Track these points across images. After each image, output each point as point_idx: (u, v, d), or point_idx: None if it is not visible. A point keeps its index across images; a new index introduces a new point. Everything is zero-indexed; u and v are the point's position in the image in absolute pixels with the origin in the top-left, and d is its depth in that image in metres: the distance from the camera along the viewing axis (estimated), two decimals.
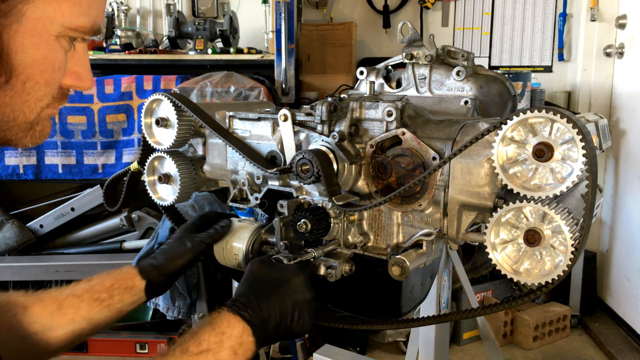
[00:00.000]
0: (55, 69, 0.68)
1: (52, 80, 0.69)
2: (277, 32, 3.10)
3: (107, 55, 3.29)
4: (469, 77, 1.26)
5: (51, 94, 0.70)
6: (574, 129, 0.79)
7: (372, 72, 1.38)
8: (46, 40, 0.66)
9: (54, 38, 0.66)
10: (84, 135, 3.05)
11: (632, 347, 3.02)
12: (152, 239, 2.88)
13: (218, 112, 1.22)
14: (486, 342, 1.96)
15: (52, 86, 0.69)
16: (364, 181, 1.05)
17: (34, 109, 0.69)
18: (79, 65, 0.73)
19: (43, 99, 0.69)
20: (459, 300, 3.04)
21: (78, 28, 0.68)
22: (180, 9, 3.71)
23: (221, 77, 2.98)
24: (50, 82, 0.68)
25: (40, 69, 0.66)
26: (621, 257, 3.31)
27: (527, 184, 0.86)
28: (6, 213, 3.31)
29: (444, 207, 0.97)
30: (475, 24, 3.82)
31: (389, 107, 1.00)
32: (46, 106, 0.70)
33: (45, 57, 0.66)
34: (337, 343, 2.18)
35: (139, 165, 1.30)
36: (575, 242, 0.81)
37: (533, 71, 3.67)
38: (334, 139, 1.02)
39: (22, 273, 3.12)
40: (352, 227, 1.07)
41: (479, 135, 0.87)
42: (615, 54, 3.41)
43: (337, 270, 1.03)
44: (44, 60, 0.66)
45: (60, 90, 0.72)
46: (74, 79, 0.73)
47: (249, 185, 1.18)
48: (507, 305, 0.93)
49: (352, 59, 3.46)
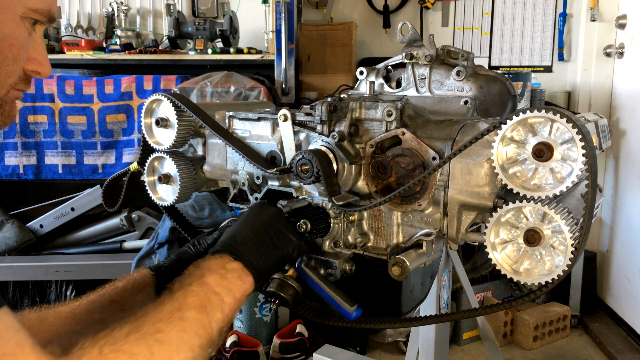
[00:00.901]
0: (22, 45, 0.74)
1: (19, 56, 0.75)
2: (277, 32, 3.09)
3: (107, 55, 3.29)
4: (469, 77, 1.26)
5: (19, 71, 0.76)
6: (574, 128, 0.79)
7: (372, 72, 1.38)
8: (13, 18, 0.73)
9: (18, 17, 0.73)
10: (84, 135, 3.04)
11: (632, 347, 3.02)
12: (152, 239, 2.88)
13: (218, 112, 1.22)
14: (486, 342, 1.96)
15: (19, 62, 0.75)
16: (363, 181, 1.05)
17: (3, 85, 0.75)
18: (37, 52, 0.79)
19: (11, 75, 0.75)
20: (459, 300, 3.04)
21: (38, 10, 0.75)
22: (180, 9, 3.71)
23: (221, 77, 2.97)
24: (18, 58, 0.74)
25: (8, 44, 0.72)
26: (621, 257, 3.31)
27: (527, 183, 0.86)
28: (6, 213, 3.31)
29: (444, 207, 0.97)
30: (475, 24, 3.82)
31: (389, 107, 1.00)
32: (14, 84, 0.76)
33: (12, 32, 0.73)
34: (337, 343, 2.18)
35: (139, 165, 1.30)
36: (575, 242, 0.81)
37: (533, 71, 3.67)
38: (333, 139, 1.02)
39: (22, 273, 3.11)
40: (352, 227, 1.07)
41: (479, 135, 0.87)
42: (615, 54, 3.41)
43: (337, 271, 1.03)
44: (11, 35, 0.73)
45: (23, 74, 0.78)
46: (34, 64, 0.79)
47: (248, 185, 1.18)
48: (507, 305, 0.94)
49: (352, 59, 3.46)
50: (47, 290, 3.23)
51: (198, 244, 1.13)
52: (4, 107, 0.77)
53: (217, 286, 0.84)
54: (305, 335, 2.74)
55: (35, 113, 3.03)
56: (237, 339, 2.69)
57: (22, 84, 0.78)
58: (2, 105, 0.77)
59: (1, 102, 0.76)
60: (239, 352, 2.61)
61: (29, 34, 0.76)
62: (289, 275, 1.00)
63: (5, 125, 0.79)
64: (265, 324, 2.85)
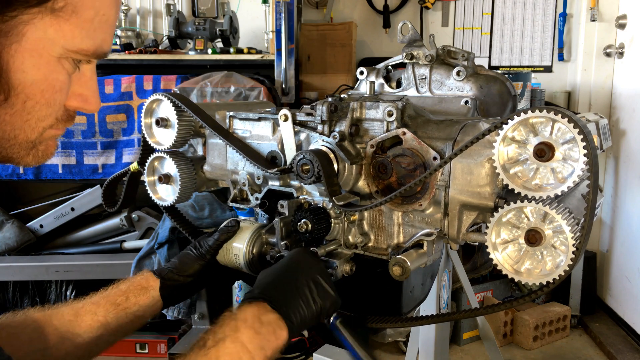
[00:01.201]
0: (56, 90, 0.68)
1: (53, 100, 0.68)
2: (277, 32, 3.09)
3: None
4: (469, 77, 1.26)
5: (54, 114, 0.70)
6: (575, 128, 0.79)
7: (372, 72, 1.38)
8: (47, 62, 0.66)
9: (55, 59, 0.66)
10: (84, 135, 3.04)
11: (632, 347, 3.02)
12: (152, 239, 2.88)
13: (218, 112, 1.22)
14: (486, 342, 1.96)
15: (53, 107, 0.69)
16: (364, 181, 1.05)
17: (35, 129, 0.69)
18: (84, 87, 0.73)
19: (45, 119, 0.69)
20: (459, 300, 3.03)
21: (80, 51, 0.67)
22: (180, 9, 3.71)
23: (221, 77, 2.97)
24: (52, 102, 0.68)
25: (40, 89, 0.66)
26: (621, 257, 3.30)
27: (528, 183, 0.86)
28: (6, 213, 3.31)
29: (445, 207, 0.97)
30: (475, 24, 3.82)
31: (390, 107, 1.00)
32: (49, 126, 0.70)
33: (45, 77, 0.66)
34: (337, 343, 2.18)
35: (139, 165, 1.30)
36: (576, 242, 0.81)
37: (533, 71, 3.67)
38: (334, 139, 1.02)
39: (22, 273, 3.11)
40: (353, 227, 1.07)
41: (480, 135, 0.87)
42: (615, 54, 3.41)
43: (337, 271, 1.03)
44: (44, 80, 0.66)
45: (65, 112, 0.72)
46: (79, 101, 0.73)
47: (249, 185, 1.18)
48: (507, 305, 0.93)
49: (352, 59, 3.46)
50: (47, 290, 3.23)
51: (200, 246, 1.13)
52: (37, 147, 0.72)
53: (250, 343, 0.82)
54: (305, 335, 2.74)
55: None
56: None
57: (63, 123, 0.72)
58: (35, 146, 0.72)
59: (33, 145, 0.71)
60: None
61: (69, 74, 0.69)
62: None
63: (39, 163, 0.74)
64: None
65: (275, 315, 0.86)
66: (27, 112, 0.67)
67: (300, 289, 0.91)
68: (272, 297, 0.88)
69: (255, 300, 0.88)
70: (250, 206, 1.19)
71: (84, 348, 0.98)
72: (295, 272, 0.93)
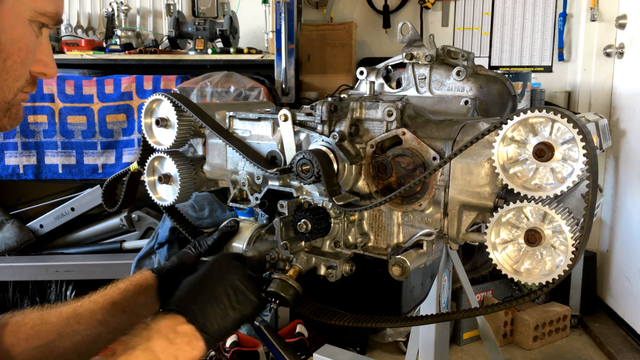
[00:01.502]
0: (30, 49, 0.75)
1: (27, 60, 0.75)
2: (277, 32, 3.09)
3: (107, 55, 3.29)
4: (469, 77, 1.26)
5: (26, 75, 0.77)
6: (575, 128, 0.79)
7: (372, 72, 1.38)
8: (22, 23, 0.73)
9: (27, 21, 0.74)
10: (84, 135, 3.04)
11: (632, 347, 3.02)
12: (152, 239, 2.88)
13: (218, 112, 1.22)
14: (486, 342, 1.96)
15: (26, 66, 0.76)
16: (364, 181, 1.05)
17: (11, 89, 0.75)
18: (43, 53, 0.80)
19: (19, 79, 0.76)
20: (459, 300, 3.04)
21: (46, 13, 0.76)
22: (180, 9, 3.71)
23: (221, 77, 2.97)
24: (26, 61, 0.75)
25: (17, 48, 0.73)
26: (621, 257, 3.31)
27: (528, 183, 0.86)
28: (6, 213, 3.31)
29: (445, 207, 0.97)
30: (475, 24, 3.82)
31: (389, 107, 1.00)
32: (22, 88, 0.77)
33: (21, 36, 0.74)
34: (337, 343, 2.18)
35: (139, 165, 1.30)
36: (576, 242, 0.81)
37: (533, 71, 3.67)
38: (334, 139, 1.02)
39: (22, 273, 3.11)
40: (353, 227, 1.07)
41: (480, 135, 0.87)
42: (615, 54, 3.41)
43: (337, 271, 1.03)
44: (20, 39, 0.73)
45: (30, 76, 0.78)
46: (40, 66, 0.79)
47: (249, 185, 1.18)
48: (507, 305, 0.93)
49: (352, 59, 3.46)
50: (47, 290, 3.23)
51: (199, 246, 1.13)
52: (11, 110, 0.78)
53: (163, 353, 0.79)
54: (305, 335, 2.74)
55: (35, 113, 3.03)
56: (237, 338, 2.69)
57: (29, 86, 0.79)
58: (10, 108, 0.77)
59: (9, 106, 0.77)
60: (239, 352, 2.61)
61: (36, 37, 0.76)
62: (289, 275, 1.00)
63: (12, 127, 0.80)
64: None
65: (190, 327, 0.84)
66: (6, 72, 0.73)
67: (219, 298, 0.89)
68: (187, 310, 0.86)
69: (169, 313, 0.85)
70: (250, 206, 1.19)
71: (83, 346, 0.98)
72: (213, 281, 0.91)
